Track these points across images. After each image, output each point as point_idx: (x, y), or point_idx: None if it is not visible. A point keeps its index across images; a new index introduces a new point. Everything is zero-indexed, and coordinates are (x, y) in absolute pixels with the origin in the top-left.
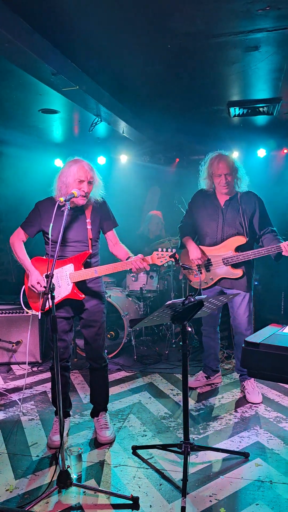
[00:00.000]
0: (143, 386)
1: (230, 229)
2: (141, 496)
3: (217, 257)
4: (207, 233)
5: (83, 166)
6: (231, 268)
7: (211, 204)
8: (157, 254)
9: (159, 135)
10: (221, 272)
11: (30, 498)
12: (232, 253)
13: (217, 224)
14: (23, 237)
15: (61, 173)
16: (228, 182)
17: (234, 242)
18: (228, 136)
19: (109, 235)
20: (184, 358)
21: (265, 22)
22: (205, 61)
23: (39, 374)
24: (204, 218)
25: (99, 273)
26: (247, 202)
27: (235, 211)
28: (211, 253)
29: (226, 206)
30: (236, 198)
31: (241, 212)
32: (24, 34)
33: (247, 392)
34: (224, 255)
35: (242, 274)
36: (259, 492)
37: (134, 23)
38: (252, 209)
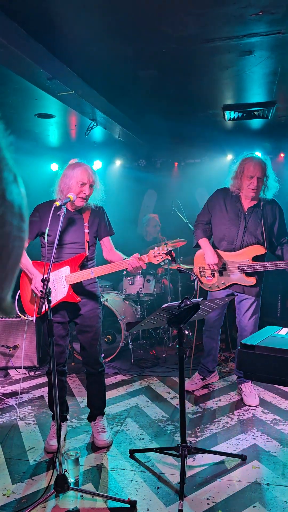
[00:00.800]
0: (140, 390)
1: (250, 238)
2: (138, 499)
3: (233, 263)
4: (225, 237)
5: (86, 169)
6: (245, 276)
7: (233, 207)
8: (153, 253)
9: (154, 139)
10: (235, 278)
11: (28, 502)
12: (249, 262)
13: (238, 230)
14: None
15: (64, 175)
16: (258, 186)
17: (253, 251)
18: (224, 140)
19: (104, 241)
20: (181, 361)
21: (258, 27)
22: (199, 65)
23: (36, 378)
24: (224, 220)
25: (95, 273)
26: (269, 210)
27: (258, 219)
28: (227, 258)
29: (249, 212)
30: (260, 205)
31: (263, 221)
32: (19, 40)
33: (244, 395)
34: (241, 262)
35: (255, 282)
36: (257, 494)
37: (128, 27)
38: (273, 218)
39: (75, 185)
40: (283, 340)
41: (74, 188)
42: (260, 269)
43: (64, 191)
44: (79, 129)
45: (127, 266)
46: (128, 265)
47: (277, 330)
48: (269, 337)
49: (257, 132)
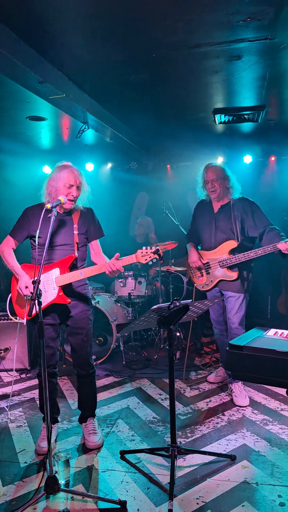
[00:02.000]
0: (132, 391)
1: (221, 235)
2: (128, 500)
3: (214, 260)
4: (204, 239)
5: (72, 171)
6: (227, 270)
7: (207, 211)
8: (141, 252)
9: (146, 142)
10: (219, 274)
11: (18, 504)
12: (227, 256)
13: (211, 230)
14: (13, 244)
15: (50, 178)
16: (215, 188)
17: (227, 246)
18: (215, 143)
19: (93, 244)
20: (170, 362)
21: (246, 33)
22: (189, 70)
23: (28, 380)
24: (201, 225)
25: (84, 274)
26: (239, 207)
27: (227, 217)
28: (209, 257)
29: (219, 213)
30: (229, 205)
31: (233, 218)
32: (10, 43)
33: (234, 395)
34: (220, 258)
35: (237, 276)
36: (246, 493)
37: (119, 32)
38: (243, 213)
39: (63, 188)
40: (271, 340)
41: (62, 191)
42: (236, 261)
43: (52, 194)
44: (71, 132)
45: (109, 268)
46: (105, 268)
47: (265, 331)
48: (257, 337)
49: (247, 135)
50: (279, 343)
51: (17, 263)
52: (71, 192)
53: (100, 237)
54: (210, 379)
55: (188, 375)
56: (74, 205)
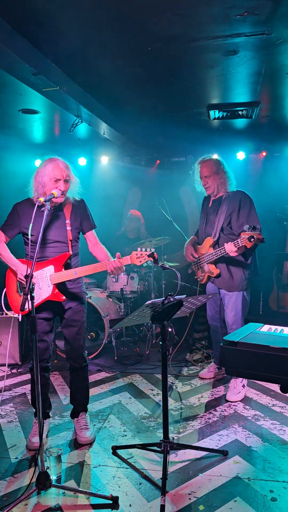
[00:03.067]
0: (124, 387)
1: (209, 229)
2: (120, 495)
3: (202, 255)
4: (199, 233)
5: (58, 164)
6: (211, 266)
7: (205, 206)
8: (136, 254)
9: (139, 137)
10: (206, 269)
11: (9, 500)
12: (208, 252)
13: (203, 225)
14: (4, 238)
15: (36, 173)
16: (209, 185)
17: (207, 242)
18: (208, 139)
19: (88, 235)
20: (164, 357)
21: (243, 27)
22: (184, 64)
23: (19, 376)
24: (200, 220)
25: (79, 274)
26: (230, 201)
27: (215, 212)
28: (200, 252)
29: (211, 207)
30: (220, 199)
31: (219, 213)
32: (3, 34)
33: (228, 390)
34: (203, 254)
35: (218, 272)
36: (238, 488)
37: (114, 25)
38: (233, 207)
39: (49, 182)
40: (265, 336)
41: (49, 186)
42: (203, 259)
43: (38, 190)
44: (64, 126)
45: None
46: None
47: (259, 327)
48: (251, 333)
49: (241, 131)
50: (273, 339)
51: (12, 255)
52: (58, 187)
53: (93, 228)
54: (202, 375)
55: (179, 371)
56: (64, 198)
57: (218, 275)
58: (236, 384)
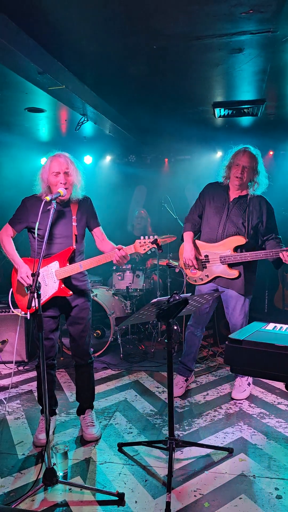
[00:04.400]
0: (129, 384)
1: (231, 227)
2: (126, 492)
3: (215, 255)
4: (209, 227)
5: (57, 158)
6: (228, 268)
7: (220, 197)
8: (139, 242)
9: (145, 135)
10: (218, 270)
11: (16, 496)
12: (231, 252)
13: (221, 218)
14: (11, 233)
15: (41, 169)
16: (242, 175)
17: (234, 242)
18: (213, 137)
19: (95, 231)
20: (169, 355)
21: (248, 25)
22: (190, 62)
23: (25, 373)
24: (211, 209)
25: (84, 267)
26: (256, 205)
27: (241, 210)
28: (209, 250)
29: (234, 202)
30: (246, 198)
31: (247, 213)
32: (10, 33)
33: (234, 388)
34: (222, 253)
35: (238, 274)
36: (243, 486)
37: (120, 23)
38: (259, 213)
39: (50, 177)
40: (270, 335)
41: (51, 180)
42: (241, 259)
43: (43, 185)
44: (70, 124)
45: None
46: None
47: (264, 325)
48: (256, 332)
49: (246, 129)
50: (278, 337)
51: (16, 253)
52: (59, 180)
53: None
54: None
55: None
56: (70, 194)
57: (237, 277)
58: (241, 382)
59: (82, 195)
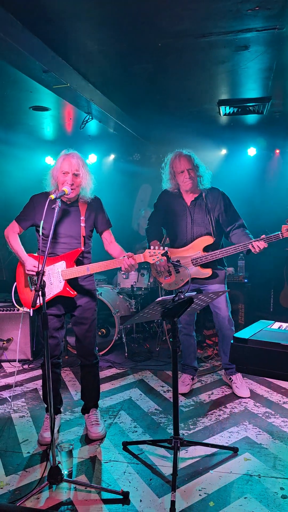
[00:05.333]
0: (134, 383)
1: (199, 229)
2: (131, 491)
3: (186, 258)
4: (176, 234)
5: (69, 158)
6: (200, 268)
7: (178, 204)
8: (149, 252)
9: (149, 133)
10: (191, 272)
11: (21, 494)
12: (201, 253)
13: (186, 223)
14: (18, 230)
15: (53, 167)
16: (191, 177)
17: (202, 242)
18: (219, 135)
19: (104, 234)
20: (174, 354)
21: (254, 22)
22: (195, 60)
23: (30, 371)
24: (173, 218)
25: (91, 270)
26: (212, 199)
27: (202, 210)
28: (179, 255)
29: (193, 205)
30: (202, 196)
31: (207, 211)
32: (15, 32)
33: (236, 387)
34: (193, 256)
35: (211, 273)
36: (248, 485)
37: (124, 21)
38: (218, 205)
39: (59, 175)
40: (275, 334)
41: (59, 179)
42: (212, 258)
43: (52, 182)
44: (74, 123)
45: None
46: (121, 264)
47: (270, 324)
48: (262, 330)
49: (251, 127)
50: (283, 337)
51: (22, 249)
52: (67, 180)
53: (109, 227)
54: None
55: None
56: (77, 194)
57: (213, 275)
58: (241, 379)
59: (93, 196)
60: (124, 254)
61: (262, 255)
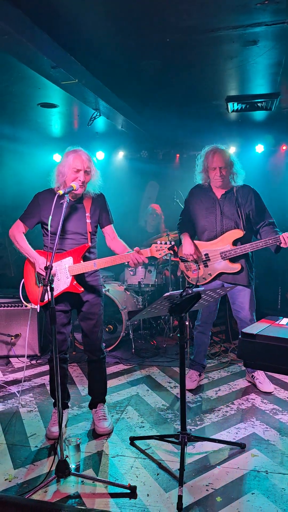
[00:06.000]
0: (141, 379)
1: (228, 222)
2: (138, 485)
3: (214, 252)
4: (205, 227)
5: (80, 155)
6: (229, 263)
7: (207, 197)
8: (156, 247)
9: (157, 130)
10: (219, 266)
11: (29, 487)
12: (230, 247)
13: (215, 216)
14: (23, 229)
15: (59, 163)
16: (222, 176)
17: (232, 236)
18: (226, 132)
19: (107, 229)
20: (182, 349)
21: (263, 16)
22: (203, 55)
23: (38, 367)
24: (202, 211)
25: (98, 265)
26: (243, 195)
27: (232, 203)
28: (208, 248)
29: (223, 199)
30: (232, 191)
31: (238, 205)
32: (24, 27)
33: (259, 382)
34: (222, 249)
35: (240, 268)
36: (255, 481)
37: (133, 16)
38: (248, 202)
39: (70, 172)
40: (284, 329)
41: (69, 176)
42: (241, 252)
43: (59, 179)
44: (82, 119)
45: (129, 260)
46: (129, 259)
47: (278, 320)
48: (270, 326)
49: (259, 124)
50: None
51: (30, 247)
52: (78, 177)
53: (112, 223)
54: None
55: None
56: (84, 191)
57: (240, 271)
58: (263, 375)
59: (98, 192)
60: (128, 249)
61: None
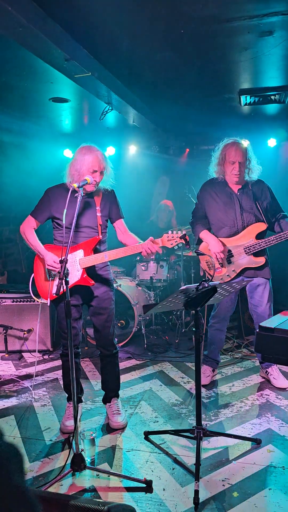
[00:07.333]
0: (154, 374)
1: (249, 216)
2: (154, 479)
3: (238, 247)
4: (225, 223)
5: (97, 156)
6: (253, 257)
7: (223, 192)
8: (167, 237)
9: (169, 125)
10: (244, 262)
11: (44, 480)
12: (254, 241)
13: (235, 211)
14: (34, 224)
15: (74, 160)
16: (240, 171)
17: (255, 230)
18: (239, 125)
19: (117, 223)
20: (197, 344)
21: (280, 5)
22: (218, 46)
23: (50, 361)
24: (219, 207)
25: (109, 257)
26: (258, 189)
27: (250, 198)
28: (231, 244)
29: (240, 193)
30: (248, 186)
31: (255, 198)
32: (37, 19)
33: (273, 378)
34: (246, 244)
35: (264, 261)
36: (272, 477)
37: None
38: (264, 195)
39: (86, 172)
40: None
41: (85, 175)
42: (266, 245)
43: (74, 177)
44: (93, 115)
45: (141, 250)
46: (142, 249)
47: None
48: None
49: (272, 117)
50: None
51: (39, 243)
52: (94, 178)
53: (122, 217)
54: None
55: None
56: (96, 188)
57: (265, 263)
58: (277, 371)
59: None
60: (139, 241)
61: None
